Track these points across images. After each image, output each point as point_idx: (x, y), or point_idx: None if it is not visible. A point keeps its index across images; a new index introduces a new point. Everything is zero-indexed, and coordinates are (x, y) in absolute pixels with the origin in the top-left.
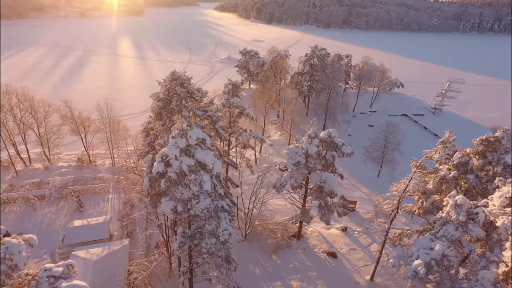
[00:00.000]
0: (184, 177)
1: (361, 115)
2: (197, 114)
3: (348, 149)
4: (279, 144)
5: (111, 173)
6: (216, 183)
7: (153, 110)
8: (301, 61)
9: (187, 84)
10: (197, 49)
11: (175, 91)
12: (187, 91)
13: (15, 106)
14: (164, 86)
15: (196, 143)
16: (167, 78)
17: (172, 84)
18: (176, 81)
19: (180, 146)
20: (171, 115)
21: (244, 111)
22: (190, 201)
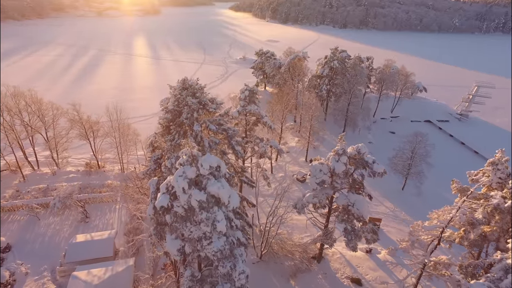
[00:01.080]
0: (194, 212)
1: (381, 121)
2: (211, 128)
3: (379, 168)
4: (296, 151)
5: (120, 180)
6: (232, 218)
7: (160, 123)
8: (320, 63)
9: (199, 93)
10: (211, 49)
11: (186, 101)
12: (200, 102)
13: (22, 109)
14: (173, 96)
15: (209, 172)
16: (177, 87)
17: (182, 93)
18: (187, 91)
19: (189, 176)
20: (180, 129)
21: (262, 120)
22: (201, 241)
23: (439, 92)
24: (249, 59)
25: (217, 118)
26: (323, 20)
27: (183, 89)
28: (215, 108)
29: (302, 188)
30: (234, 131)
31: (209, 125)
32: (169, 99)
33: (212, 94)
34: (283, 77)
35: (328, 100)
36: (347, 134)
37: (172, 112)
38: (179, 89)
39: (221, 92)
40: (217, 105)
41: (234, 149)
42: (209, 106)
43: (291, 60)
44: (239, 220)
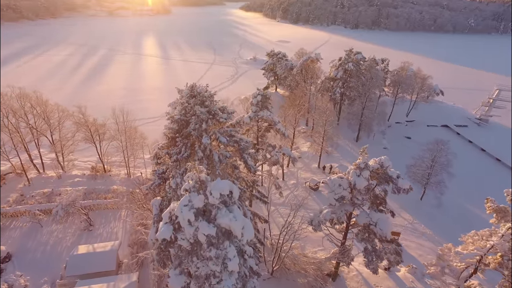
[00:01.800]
0: (201, 247)
1: (396, 125)
2: (221, 140)
3: (405, 184)
4: (308, 156)
5: (126, 185)
6: (245, 250)
7: (165, 134)
8: (334, 65)
9: (209, 102)
10: (221, 49)
11: (194, 111)
12: (209, 111)
13: (28, 111)
14: (180, 104)
15: (220, 201)
16: (184, 94)
17: (190, 101)
18: (196, 99)
19: (195, 205)
20: (187, 141)
21: (275, 126)
22: (209, 279)
23: (456, 95)
24: (260, 60)
25: (228, 129)
26: (334, 20)
27: (191, 96)
28: (226, 118)
29: (315, 196)
30: (247, 143)
31: (219, 137)
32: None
33: (222, 95)
34: (295, 79)
35: (342, 104)
36: (362, 140)
37: (179, 122)
38: (186, 96)
39: (231, 93)
40: (228, 115)
41: (247, 164)
42: (220, 116)
43: (304, 61)
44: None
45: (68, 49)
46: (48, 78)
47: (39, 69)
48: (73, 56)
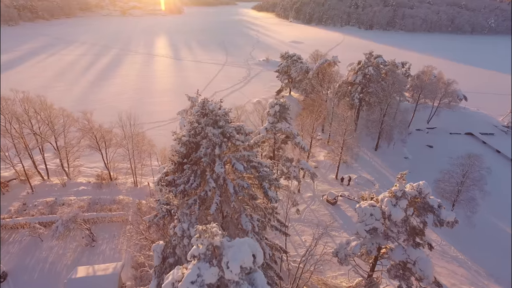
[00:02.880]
0: None
1: (417, 133)
2: (237, 168)
3: (449, 216)
4: (325, 166)
5: (133, 195)
6: None
7: (171, 159)
8: (352, 69)
9: (223, 122)
10: (233, 50)
11: (205, 133)
12: (223, 133)
13: (32, 116)
14: (189, 123)
15: (240, 276)
16: (194, 111)
17: (201, 121)
18: (207, 117)
19: (207, 281)
20: (197, 167)
21: (294, 140)
22: None
23: (480, 101)
24: (272, 61)
25: (245, 153)
26: (348, 21)
27: (202, 115)
28: (243, 141)
29: (333, 211)
30: (267, 168)
31: (235, 163)
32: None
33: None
34: (311, 83)
35: (360, 110)
36: (381, 149)
37: (187, 145)
38: (196, 114)
39: (243, 96)
40: (245, 136)
41: (267, 195)
42: (236, 139)
43: (320, 64)
44: None
45: (80, 48)
46: (59, 78)
47: (51, 69)
48: (85, 56)
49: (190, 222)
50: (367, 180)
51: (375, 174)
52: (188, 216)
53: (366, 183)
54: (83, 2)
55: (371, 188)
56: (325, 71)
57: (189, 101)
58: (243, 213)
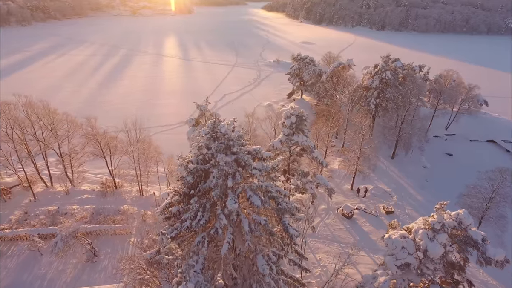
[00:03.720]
0: None
1: (435, 140)
2: (253, 201)
3: (498, 254)
4: (340, 175)
5: (138, 205)
6: None
7: (177, 190)
8: (368, 73)
9: (237, 148)
10: (243, 51)
11: (216, 161)
12: (237, 160)
13: (34, 121)
14: (197, 148)
15: None
16: (203, 132)
17: (210, 145)
18: (219, 142)
19: None
20: (206, 200)
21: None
22: None
23: (501, 106)
24: (283, 63)
25: (263, 185)
26: (359, 21)
27: (213, 138)
28: (260, 170)
29: (349, 226)
30: (287, 198)
31: (252, 196)
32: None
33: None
34: (324, 87)
35: (376, 116)
36: (398, 157)
37: (194, 174)
38: (206, 137)
39: (253, 98)
40: (263, 164)
41: (288, 231)
42: (252, 168)
43: (334, 68)
44: None
45: (89, 49)
46: (68, 79)
47: (60, 70)
48: (94, 57)
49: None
50: (384, 191)
51: (392, 185)
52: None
53: (383, 195)
54: (94, 2)
55: (389, 200)
56: (339, 75)
57: (197, 109)
58: (259, 254)
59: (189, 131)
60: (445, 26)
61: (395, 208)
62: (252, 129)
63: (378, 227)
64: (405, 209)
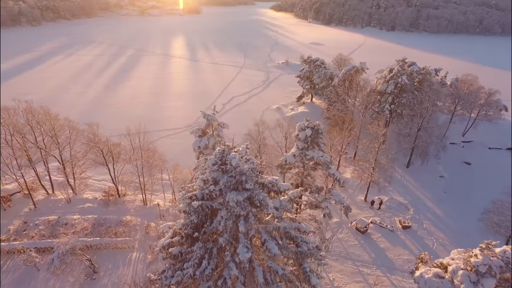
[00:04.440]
0: None
1: (451, 147)
2: (270, 248)
3: None
4: (352, 185)
5: (141, 215)
6: None
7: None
8: (382, 77)
9: (251, 183)
10: (251, 51)
11: (225, 200)
12: (251, 199)
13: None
14: (202, 181)
15: None
16: (210, 162)
17: (219, 180)
18: (228, 176)
19: None
20: (213, 245)
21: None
22: None
23: None
24: (292, 64)
25: (281, 226)
26: (369, 21)
27: (221, 171)
28: (278, 208)
29: (363, 242)
30: (309, 244)
31: (267, 241)
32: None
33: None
34: (336, 91)
35: (390, 122)
36: (413, 166)
37: (198, 213)
38: (213, 169)
39: (262, 101)
40: (282, 202)
41: (309, 281)
42: (268, 208)
43: (347, 71)
44: None
45: (97, 49)
46: (75, 80)
47: (68, 70)
48: (102, 57)
49: None
50: (399, 203)
51: (408, 197)
52: None
53: (399, 207)
54: (103, 2)
55: (405, 213)
56: (352, 79)
57: (204, 118)
58: None
59: (195, 142)
60: (457, 26)
61: (412, 222)
62: (262, 138)
63: (394, 244)
64: (422, 224)
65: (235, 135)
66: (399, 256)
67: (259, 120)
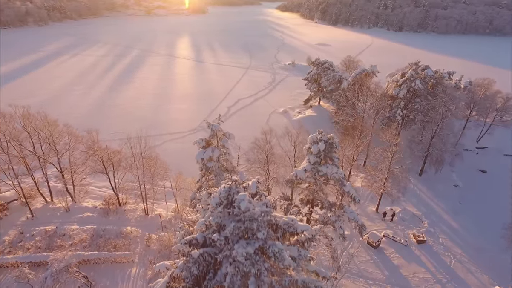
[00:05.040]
0: None
1: (465, 153)
2: None
3: None
4: (363, 195)
5: (142, 227)
6: None
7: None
8: (394, 81)
9: (264, 232)
10: (257, 52)
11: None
12: (263, 249)
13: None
14: (205, 225)
15: None
16: (213, 202)
17: (224, 223)
18: (236, 221)
19: None
20: None
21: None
22: None
23: None
24: (299, 66)
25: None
26: (376, 22)
27: (227, 215)
28: (295, 259)
29: (376, 257)
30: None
31: None
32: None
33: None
34: (345, 95)
35: (402, 128)
36: (426, 174)
37: (199, 263)
38: (216, 212)
39: (268, 104)
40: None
41: None
42: (285, 261)
43: (357, 75)
44: None
45: (102, 49)
46: (79, 80)
47: (72, 70)
48: (106, 57)
49: None
50: (412, 214)
51: (422, 208)
52: None
53: (412, 219)
54: (109, 2)
55: (419, 226)
56: (362, 82)
57: (208, 128)
58: None
59: (198, 153)
60: (466, 27)
61: (426, 236)
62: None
63: (409, 260)
64: (438, 238)
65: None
66: (414, 274)
67: (265, 124)
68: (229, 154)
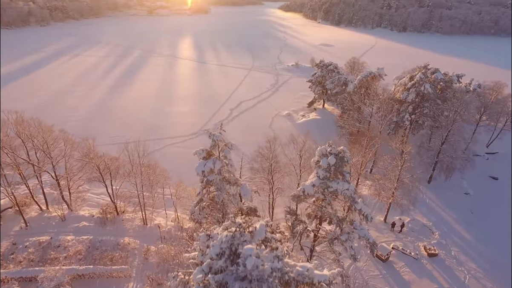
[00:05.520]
0: None
1: (475, 159)
2: None
3: None
4: (370, 204)
5: (140, 237)
6: None
7: None
8: (401, 84)
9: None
10: (260, 53)
11: None
12: None
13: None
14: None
15: None
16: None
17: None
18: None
19: None
20: None
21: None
22: None
23: None
24: (302, 67)
25: None
26: (380, 22)
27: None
28: None
29: (385, 272)
30: None
31: None
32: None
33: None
34: (351, 99)
35: (409, 133)
36: (435, 181)
37: None
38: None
39: (271, 106)
40: None
41: None
42: None
43: (363, 78)
44: None
45: (104, 49)
46: (79, 81)
47: (73, 71)
48: (108, 58)
49: None
50: (422, 225)
51: (432, 217)
52: None
53: (422, 230)
54: (111, 2)
55: (430, 237)
56: (368, 85)
57: (209, 138)
58: None
59: (199, 165)
60: (471, 27)
61: (438, 249)
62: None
63: (420, 275)
64: (450, 251)
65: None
66: None
67: (268, 127)
68: (232, 166)
